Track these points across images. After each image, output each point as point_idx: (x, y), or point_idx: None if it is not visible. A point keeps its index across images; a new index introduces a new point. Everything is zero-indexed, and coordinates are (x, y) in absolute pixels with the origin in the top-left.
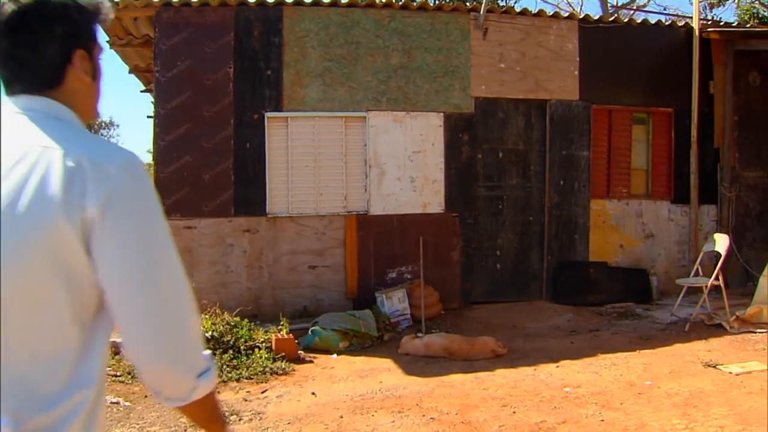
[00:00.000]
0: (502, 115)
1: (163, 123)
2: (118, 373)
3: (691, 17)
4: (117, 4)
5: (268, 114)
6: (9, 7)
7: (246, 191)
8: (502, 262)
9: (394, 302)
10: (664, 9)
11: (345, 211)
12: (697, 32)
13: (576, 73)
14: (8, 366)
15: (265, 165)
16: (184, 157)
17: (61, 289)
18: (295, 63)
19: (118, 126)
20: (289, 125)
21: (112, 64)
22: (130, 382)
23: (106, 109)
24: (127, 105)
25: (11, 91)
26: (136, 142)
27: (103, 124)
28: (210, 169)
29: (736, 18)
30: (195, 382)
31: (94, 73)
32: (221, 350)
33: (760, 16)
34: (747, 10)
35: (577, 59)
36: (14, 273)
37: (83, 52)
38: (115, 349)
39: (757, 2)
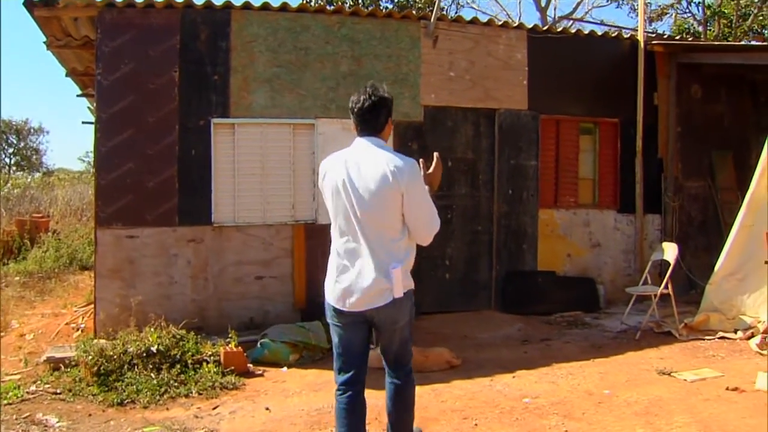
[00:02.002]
0: (452, 123)
1: (104, 128)
2: (59, 390)
3: (632, 30)
4: (57, 3)
5: (214, 120)
6: (370, 100)
7: (191, 200)
8: (451, 272)
9: None
10: (601, 22)
11: (293, 221)
12: (642, 44)
13: (525, 82)
14: (390, 235)
15: (210, 173)
16: (126, 163)
17: (397, 208)
18: (243, 68)
19: (48, 132)
20: (236, 132)
21: (43, 67)
22: (71, 399)
23: (35, 115)
24: (59, 110)
25: (363, 134)
26: (67, 149)
27: (32, 131)
28: (153, 176)
29: (670, 33)
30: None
31: (391, 123)
32: (168, 365)
33: (692, 31)
34: (680, 25)
35: (526, 69)
36: (387, 197)
37: (390, 119)
38: (55, 365)
39: (691, 17)
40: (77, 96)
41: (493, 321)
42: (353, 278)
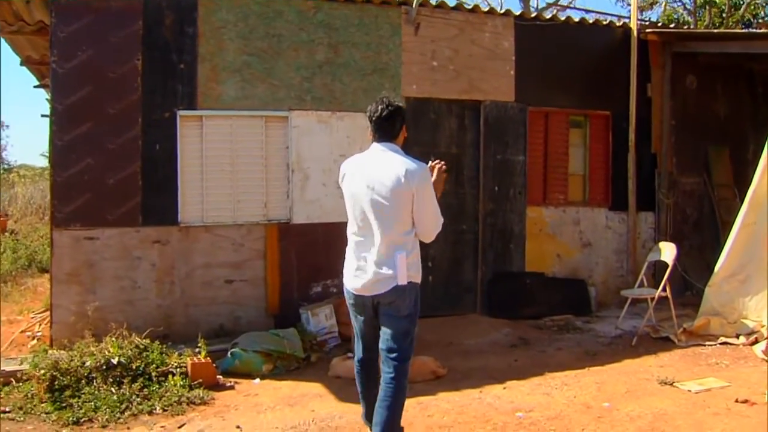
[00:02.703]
0: (434, 116)
1: (60, 121)
2: (8, 409)
3: (621, 17)
4: None
5: (180, 112)
6: (387, 110)
7: (155, 198)
8: (434, 274)
9: (321, 319)
10: (588, 11)
11: (265, 220)
12: (635, 33)
13: (512, 73)
14: (399, 229)
15: (176, 169)
16: (85, 159)
17: (408, 206)
18: (211, 56)
19: (7, 127)
20: (203, 125)
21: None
22: (22, 419)
23: None
24: (19, 103)
25: (380, 140)
26: (29, 144)
27: None
28: (115, 173)
29: (659, 21)
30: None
31: (405, 134)
32: (130, 378)
33: (681, 21)
34: (669, 15)
35: (513, 58)
36: (399, 197)
37: (404, 126)
38: (4, 380)
39: (681, 6)
40: (34, 87)
41: (479, 326)
42: (365, 266)
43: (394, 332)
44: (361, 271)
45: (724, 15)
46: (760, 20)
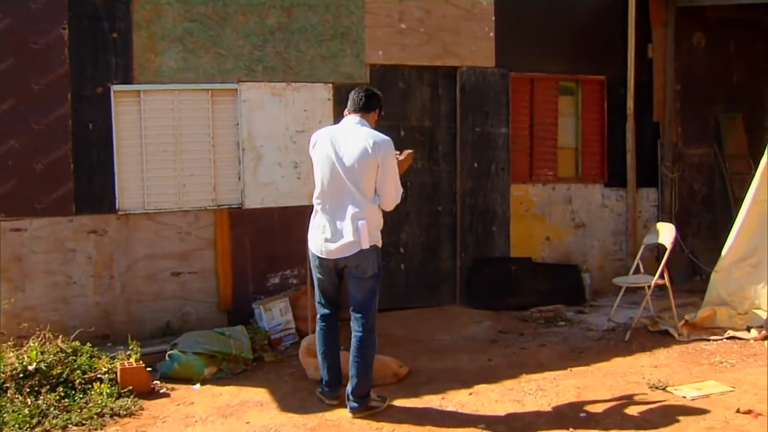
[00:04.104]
0: (404, 85)
1: None
2: None
3: None
4: None
5: (114, 87)
6: (368, 89)
7: (90, 183)
8: (406, 262)
9: (275, 315)
10: None
11: (214, 205)
12: None
13: (491, 35)
14: (364, 197)
15: (112, 150)
16: (7, 141)
17: (372, 175)
18: (148, 24)
19: None
20: (142, 101)
21: None
22: None
23: None
24: None
25: (355, 112)
26: None
27: None
28: (43, 156)
29: None
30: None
31: (378, 115)
32: (48, 387)
33: None
34: None
35: (493, 18)
36: (365, 166)
37: (379, 110)
38: None
39: None
40: None
41: (457, 318)
42: (331, 231)
43: (361, 293)
44: (326, 236)
45: None
46: None
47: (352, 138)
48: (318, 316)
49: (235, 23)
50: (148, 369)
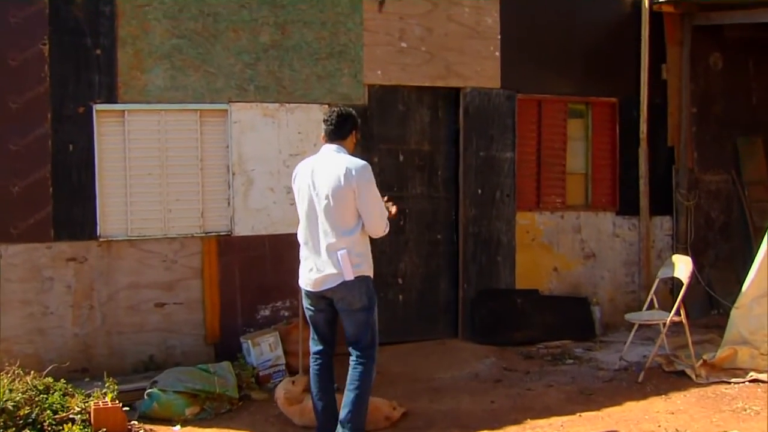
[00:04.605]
0: (404, 107)
1: None
2: None
3: None
4: None
5: (97, 107)
6: (339, 112)
7: (70, 208)
8: (405, 293)
9: (264, 350)
10: None
11: (202, 232)
12: (646, 4)
13: (497, 54)
14: (340, 228)
15: (94, 173)
16: None
17: (350, 204)
18: (134, 40)
19: None
20: (126, 121)
21: None
22: None
23: None
24: None
25: (331, 141)
26: None
27: None
28: (20, 179)
29: None
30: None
31: (355, 138)
32: (14, 429)
33: None
34: None
35: (498, 37)
36: (339, 196)
37: (355, 131)
38: None
39: None
40: None
41: (459, 354)
42: (313, 264)
43: (352, 326)
44: (310, 270)
45: None
46: None
47: (327, 168)
48: (311, 354)
49: (225, 40)
50: (127, 408)
